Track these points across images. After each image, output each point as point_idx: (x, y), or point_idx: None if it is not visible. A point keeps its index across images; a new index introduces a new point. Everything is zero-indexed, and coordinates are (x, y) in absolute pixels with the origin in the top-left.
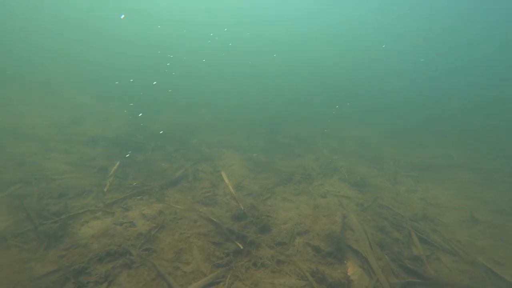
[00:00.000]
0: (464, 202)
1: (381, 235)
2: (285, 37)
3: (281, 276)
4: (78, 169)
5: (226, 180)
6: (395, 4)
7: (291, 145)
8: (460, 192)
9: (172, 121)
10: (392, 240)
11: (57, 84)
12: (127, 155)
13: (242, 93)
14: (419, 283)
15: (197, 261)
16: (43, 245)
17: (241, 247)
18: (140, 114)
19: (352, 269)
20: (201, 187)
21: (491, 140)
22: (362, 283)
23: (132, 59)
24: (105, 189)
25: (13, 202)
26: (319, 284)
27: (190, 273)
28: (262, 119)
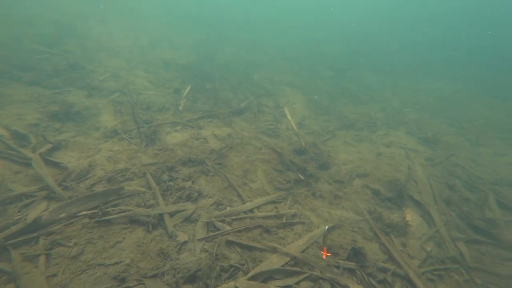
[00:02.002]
0: None
1: (449, 192)
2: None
3: (338, 209)
4: (157, 88)
5: (289, 116)
6: None
7: (356, 91)
8: None
9: (241, 56)
10: (461, 199)
11: (144, 12)
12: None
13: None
14: (487, 242)
15: (262, 181)
16: (144, 143)
17: (302, 178)
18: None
19: (411, 216)
20: (264, 119)
21: None
22: (420, 230)
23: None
24: (180, 108)
25: (116, 106)
26: (376, 222)
27: (256, 190)
28: (330, 63)
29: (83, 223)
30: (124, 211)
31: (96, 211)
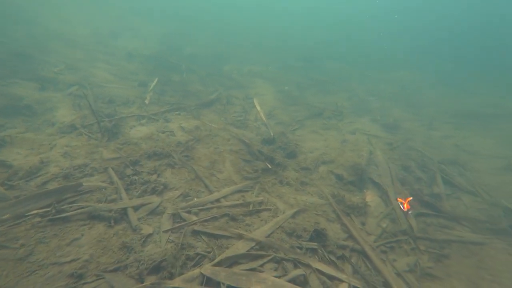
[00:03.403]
0: (505, 152)
1: (405, 173)
2: None
3: (303, 194)
4: (121, 80)
5: (258, 107)
6: None
7: (325, 81)
8: (503, 142)
9: (211, 47)
10: (414, 179)
11: None
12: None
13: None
14: (432, 214)
15: (229, 172)
16: (105, 137)
17: (269, 167)
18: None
19: (371, 197)
20: (233, 111)
21: None
22: (378, 209)
23: None
24: (146, 101)
25: (74, 100)
26: (338, 205)
27: (223, 180)
28: (300, 54)
29: (32, 223)
30: (82, 207)
31: (49, 209)
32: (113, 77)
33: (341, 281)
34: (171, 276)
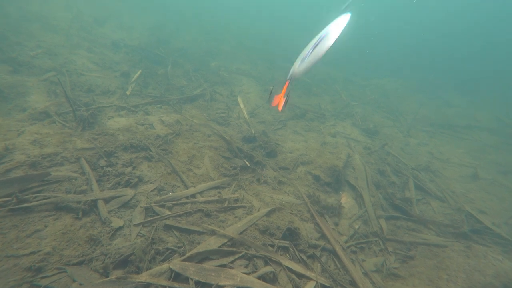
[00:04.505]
0: (472, 161)
1: (380, 177)
2: None
3: (280, 193)
4: (103, 70)
5: (241, 105)
6: None
7: (310, 84)
8: (472, 152)
9: (199, 42)
10: (389, 183)
11: None
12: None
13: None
14: (402, 218)
15: (207, 168)
16: (80, 126)
17: (248, 165)
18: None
19: (346, 199)
20: (216, 107)
21: None
22: (352, 211)
23: None
24: (127, 93)
25: (50, 87)
26: (313, 205)
27: (200, 176)
28: (289, 55)
29: None
30: (48, 198)
31: (10, 198)
32: (94, 66)
33: (310, 279)
34: (139, 271)
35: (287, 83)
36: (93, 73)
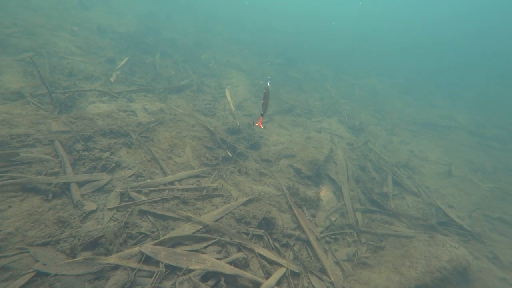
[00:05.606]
0: (448, 159)
1: (361, 173)
2: None
3: (260, 184)
4: (87, 54)
5: (228, 97)
6: None
7: (300, 80)
8: (449, 151)
9: (191, 33)
10: (369, 178)
11: None
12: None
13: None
14: (377, 211)
15: (188, 157)
16: (57, 109)
17: (230, 155)
18: None
19: (325, 193)
20: (203, 98)
21: (506, 108)
22: (330, 204)
23: None
24: (112, 79)
25: (26, 67)
26: (292, 196)
27: (181, 164)
28: (280, 51)
29: None
30: (15, 178)
31: None
32: (78, 50)
33: (281, 265)
34: (108, 253)
35: (261, 118)
36: (76, 57)
